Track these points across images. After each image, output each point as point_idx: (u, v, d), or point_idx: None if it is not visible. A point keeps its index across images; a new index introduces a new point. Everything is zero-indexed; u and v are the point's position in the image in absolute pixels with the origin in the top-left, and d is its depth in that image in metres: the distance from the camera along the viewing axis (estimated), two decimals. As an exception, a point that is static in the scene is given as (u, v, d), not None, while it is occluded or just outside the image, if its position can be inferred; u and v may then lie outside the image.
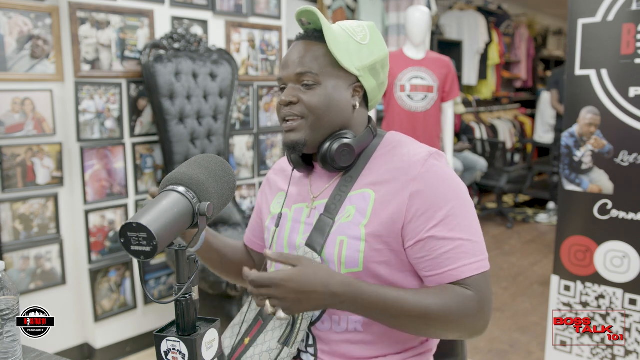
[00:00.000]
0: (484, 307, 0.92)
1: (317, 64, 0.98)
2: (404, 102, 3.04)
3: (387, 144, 1.04)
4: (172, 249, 0.73)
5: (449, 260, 0.92)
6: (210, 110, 2.57)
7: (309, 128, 0.99)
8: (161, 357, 0.73)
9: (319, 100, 0.97)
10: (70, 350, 2.40)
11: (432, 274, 0.94)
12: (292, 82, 1.00)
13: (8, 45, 2.12)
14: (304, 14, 0.99)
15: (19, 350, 0.94)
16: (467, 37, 5.85)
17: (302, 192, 1.09)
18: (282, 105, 1.00)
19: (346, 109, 1.01)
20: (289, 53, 1.02)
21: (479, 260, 0.93)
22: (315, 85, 0.98)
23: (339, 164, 0.99)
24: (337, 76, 0.99)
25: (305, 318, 0.98)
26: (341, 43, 0.98)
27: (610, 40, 1.87)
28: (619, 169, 1.91)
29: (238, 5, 2.80)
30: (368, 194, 0.98)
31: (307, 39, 1.01)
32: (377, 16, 4.34)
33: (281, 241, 1.08)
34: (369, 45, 1.01)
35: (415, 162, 0.96)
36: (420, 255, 0.94)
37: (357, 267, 0.96)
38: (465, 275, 0.92)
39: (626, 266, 1.93)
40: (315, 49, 0.99)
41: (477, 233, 0.95)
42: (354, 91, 1.02)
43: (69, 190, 2.34)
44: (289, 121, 1.00)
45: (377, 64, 1.02)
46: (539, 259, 4.05)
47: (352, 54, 0.99)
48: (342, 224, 0.98)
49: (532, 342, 2.69)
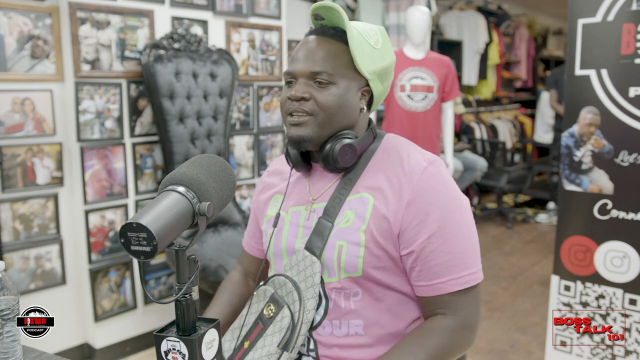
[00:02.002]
0: (467, 325, 0.94)
1: (333, 62, 0.96)
2: (404, 102, 3.04)
3: (386, 147, 1.03)
4: (172, 249, 0.73)
5: (439, 273, 0.93)
6: (210, 110, 2.57)
7: (317, 126, 0.97)
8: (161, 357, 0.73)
9: (332, 100, 0.96)
10: (70, 350, 2.40)
11: (421, 285, 0.95)
12: (304, 77, 0.97)
13: (8, 45, 2.12)
14: (322, 9, 0.96)
15: (19, 350, 0.94)
16: (467, 37, 5.85)
17: (300, 194, 1.08)
18: (292, 100, 0.97)
19: (354, 111, 1.00)
20: (302, 48, 0.99)
21: (470, 274, 0.94)
22: (329, 84, 0.96)
23: (341, 164, 0.98)
24: (350, 77, 0.97)
25: (304, 322, 0.98)
26: (358, 44, 0.96)
27: (610, 40, 1.87)
28: (619, 169, 1.91)
29: (238, 5, 2.80)
30: (367, 198, 0.97)
31: (321, 35, 0.98)
32: (377, 16, 4.33)
33: (279, 245, 1.07)
34: (381, 50, 0.99)
35: (414, 170, 0.95)
36: (412, 265, 0.95)
37: (356, 272, 0.96)
38: (453, 289, 0.93)
39: (626, 266, 1.93)
40: (331, 47, 0.96)
41: (472, 245, 0.95)
42: (362, 94, 1.01)
43: (69, 190, 2.34)
44: (295, 116, 0.97)
45: (386, 69, 1.01)
46: (539, 259, 4.05)
47: (366, 57, 0.97)
48: (341, 228, 0.97)
49: (532, 342, 2.69)
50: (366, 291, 0.97)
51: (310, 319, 0.98)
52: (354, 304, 0.97)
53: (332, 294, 0.98)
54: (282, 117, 1.01)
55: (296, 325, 0.97)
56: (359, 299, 0.97)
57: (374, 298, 0.98)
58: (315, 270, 0.98)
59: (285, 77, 1.00)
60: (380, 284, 0.97)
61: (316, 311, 0.99)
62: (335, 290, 0.98)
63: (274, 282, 1.04)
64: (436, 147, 3.13)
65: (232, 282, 1.23)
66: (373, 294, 0.98)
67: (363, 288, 0.97)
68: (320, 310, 0.99)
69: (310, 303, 0.97)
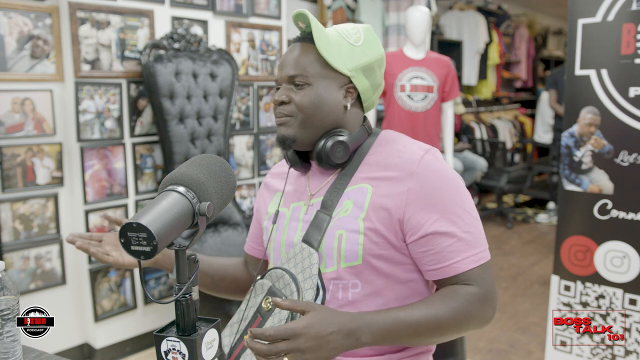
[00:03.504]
0: (489, 297, 0.97)
1: (309, 65, 1.01)
2: (404, 102, 3.04)
3: (381, 141, 1.07)
4: (172, 249, 0.73)
5: (452, 254, 0.95)
6: (210, 110, 2.57)
7: (298, 126, 1.02)
8: (161, 357, 0.73)
9: (308, 100, 1.01)
10: (70, 350, 2.40)
11: (434, 268, 0.97)
12: (285, 82, 1.03)
13: (8, 45, 2.12)
14: (299, 17, 1.02)
15: (19, 350, 0.94)
16: (467, 37, 5.85)
17: (299, 190, 1.11)
18: (275, 104, 1.04)
19: (337, 109, 1.03)
20: (285, 55, 1.05)
21: (479, 252, 0.97)
22: (305, 85, 1.01)
23: (334, 160, 1.01)
24: (328, 77, 1.02)
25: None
26: (333, 44, 1.01)
27: (610, 40, 1.87)
28: (619, 169, 1.91)
29: (238, 5, 2.80)
30: (365, 188, 1.00)
31: (302, 41, 1.04)
32: (377, 16, 4.33)
33: (279, 239, 1.09)
34: (362, 47, 1.03)
35: (411, 158, 0.99)
36: (423, 250, 0.96)
37: (357, 260, 0.97)
38: (467, 268, 0.95)
39: (626, 266, 1.93)
40: (309, 51, 1.02)
41: (477, 224, 0.99)
42: (347, 92, 1.04)
43: (69, 190, 2.34)
44: (278, 118, 1.05)
45: (370, 65, 1.04)
46: (539, 259, 4.05)
47: (344, 55, 1.01)
48: (340, 218, 0.99)
49: (532, 342, 2.69)
50: (366, 283, 0.98)
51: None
52: (352, 296, 0.98)
53: (329, 285, 0.99)
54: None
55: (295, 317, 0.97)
56: (358, 291, 0.98)
57: (374, 291, 0.98)
58: (313, 261, 0.99)
59: (275, 84, 1.08)
60: (380, 274, 0.98)
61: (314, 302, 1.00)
62: (333, 282, 0.99)
63: (271, 275, 1.06)
64: (436, 147, 3.13)
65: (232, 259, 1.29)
66: (373, 287, 0.98)
67: (363, 280, 0.98)
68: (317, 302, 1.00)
69: (308, 294, 0.99)
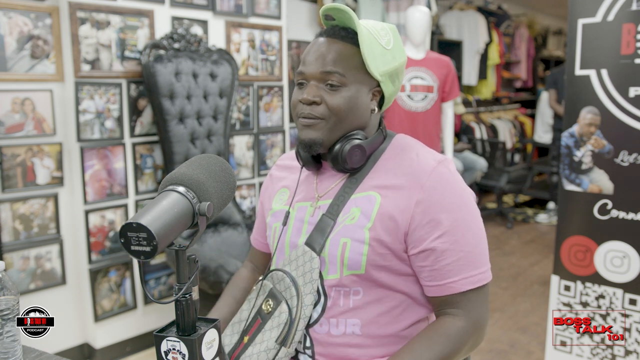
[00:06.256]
0: (479, 326, 0.95)
1: (344, 64, 0.95)
2: (403, 102, 3.04)
3: (395, 147, 1.03)
4: (172, 249, 0.73)
5: (450, 273, 0.93)
6: (210, 110, 2.57)
7: (328, 129, 0.97)
8: (161, 357, 0.73)
9: (343, 103, 0.95)
10: (70, 350, 2.40)
11: (432, 284, 0.95)
12: (315, 79, 0.96)
13: (8, 45, 2.12)
14: (333, 10, 0.95)
15: (19, 350, 0.94)
16: (467, 37, 5.85)
17: (307, 190, 1.08)
18: (303, 103, 0.97)
19: (365, 113, 1.00)
20: (313, 49, 0.98)
21: (480, 273, 0.94)
22: (341, 86, 0.95)
23: (350, 165, 0.98)
24: (361, 79, 0.97)
25: (302, 318, 0.98)
26: (369, 46, 0.94)
27: (610, 40, 1.87)
28: (619, 169, 1.91)
29: (238, 5, 2.80)
30: (374, 196, 0.97)
31: (332, 37, 0.97)
32: (377, 16, 4.33)
33: (283, 240, 1.07)
34: (392, 51, 0.98)
35: (423, 169, 0.95)
36: (422, 264, 0.94)
37: (359, 269, 0.96)
38: (463, 289, 0.93)
39: (626, 266, 1.93)
40: (342, 49, 0.96)
41: (481, 243, 0.95)
42: (373, 95, 1.00)
43: (69, 190, 2.34)
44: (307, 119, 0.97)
45: (397, 70, 1.00)
46: (539, 259, 4.05)
47: (377, 59, 0.96)
48: (346, 225, 0.97)
49: (532, 342, 2.69)
50: (368, 291, 0.97)
51: (308, 314, 0.98)
52: (353, 303, 0.97)
53: (331, 292, 0.98)
54: (293, 118, 1.01)
55: (294, 320, 0.97)
56: (360, 298, 0.97)
57: (375, 299, 0.97)
58: (314, 265, 0.98)
59: (297, 77, 1.00)
60: (382, 285, 0.97)
61: (314, 308, 0.99)
62: (335, 288, 0.98)
63: (272, 277, 1.05)
64: (436, 147, 3.13)
65: (238, 278, 1.25)
66: (374, 295, 0.97)
67: (365, 287, 0.97)
68: (318, 308, 0.99)
69: (308, 298, 0.98)
